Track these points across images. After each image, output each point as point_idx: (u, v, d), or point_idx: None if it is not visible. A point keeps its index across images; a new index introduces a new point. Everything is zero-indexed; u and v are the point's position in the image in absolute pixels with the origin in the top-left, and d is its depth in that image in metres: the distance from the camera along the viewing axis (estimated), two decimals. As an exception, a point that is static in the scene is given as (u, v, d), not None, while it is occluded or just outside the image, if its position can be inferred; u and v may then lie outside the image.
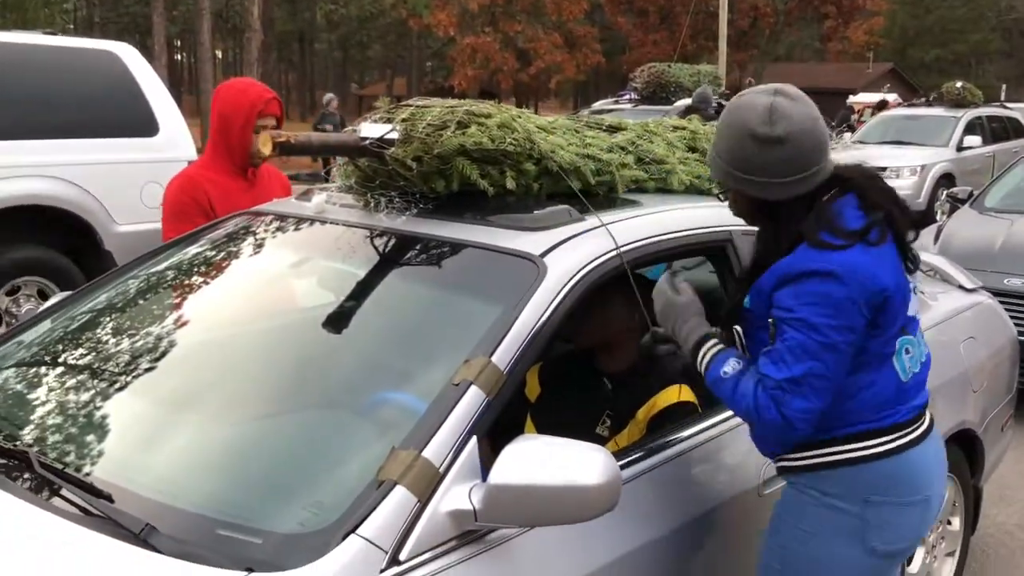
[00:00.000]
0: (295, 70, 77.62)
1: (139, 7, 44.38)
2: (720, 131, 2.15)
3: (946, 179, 14.69)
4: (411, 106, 2.63)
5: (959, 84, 16.46)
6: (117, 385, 2.39)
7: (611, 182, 2.83)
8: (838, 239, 2.06)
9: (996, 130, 16.23)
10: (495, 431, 2.04)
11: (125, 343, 2.58)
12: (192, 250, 2.93)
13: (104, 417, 2.29)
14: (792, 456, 2.24)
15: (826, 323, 2.03)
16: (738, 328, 2.29)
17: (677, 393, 2.69)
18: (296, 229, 2.84)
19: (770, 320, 2.11)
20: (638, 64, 19.44)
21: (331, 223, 2.72)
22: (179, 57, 70.55)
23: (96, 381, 2.41)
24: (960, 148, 15.22)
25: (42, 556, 1.78)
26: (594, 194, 2.76)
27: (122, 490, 1.92)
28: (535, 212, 2.48)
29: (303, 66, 75.80)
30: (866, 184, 2.18)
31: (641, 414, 2.68)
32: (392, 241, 2.57)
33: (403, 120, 2.54)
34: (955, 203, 7.57)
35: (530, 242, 2.36)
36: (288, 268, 2.77)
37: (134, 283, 2.85)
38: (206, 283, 2.81)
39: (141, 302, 2.79)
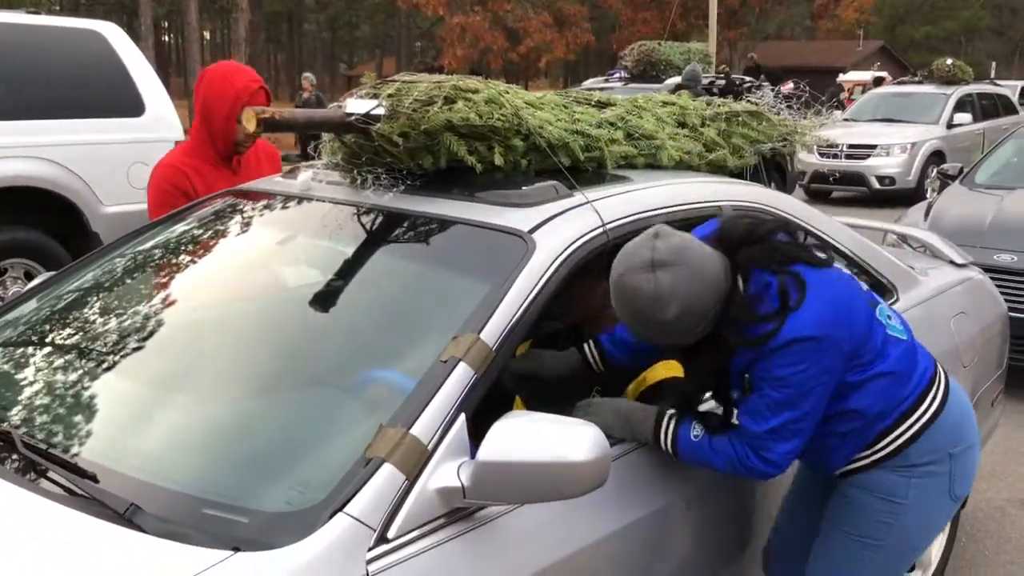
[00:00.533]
0: (283, 51, 77.25)
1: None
2: (622, 315, 2.14)
3: (936, 156, 14.72)
4: (397, 82, 2.60)
5: (949, 61, 16.45)
6: (102, 365, 2.37)
7: (600, 158, 2.81)
8: (771, 323, 2.10)
9: (986, 107, 16.26)
10: (483, 408, 2.03)
11: (110, 323, 2.55)
12: (177, 229, 2.90)
13: (89, 397, 2.27)
14: (869, 452, 2.33)
15: (804, 377, 2.12)
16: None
17: (666, 368, 2.68)
18: (282, 207, 2.81)
19: (745, 375, 2.20)
20: (628, 43, 19.34)
21: (317, 200, 2.69)
22: (166, 38, 70.10)
23: (81, 361, 2.39)
24: (950, 125, 15.25)
25: (26, 536, 1.76)
26: (583, 170, 2.74)
27: (107, 470, 1.91)
28: (523, 188, 2.46)
29: (291, 47, 75.44)
30: (751, 254, 2.17)
31: (631, 388, 2.66)
32: (379, 218, 2.54)
33: (389, 96, 2.51)
34: (945, 180, 7.57)
35: (518, 218, 2.34)
36: (274, 246, 2.73)
37: (119, 262, 2.83)
38: (191, 262, 2.78)
39: (126, 282, 2.76)
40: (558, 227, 2.33)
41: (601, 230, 2.38)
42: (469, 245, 2.39)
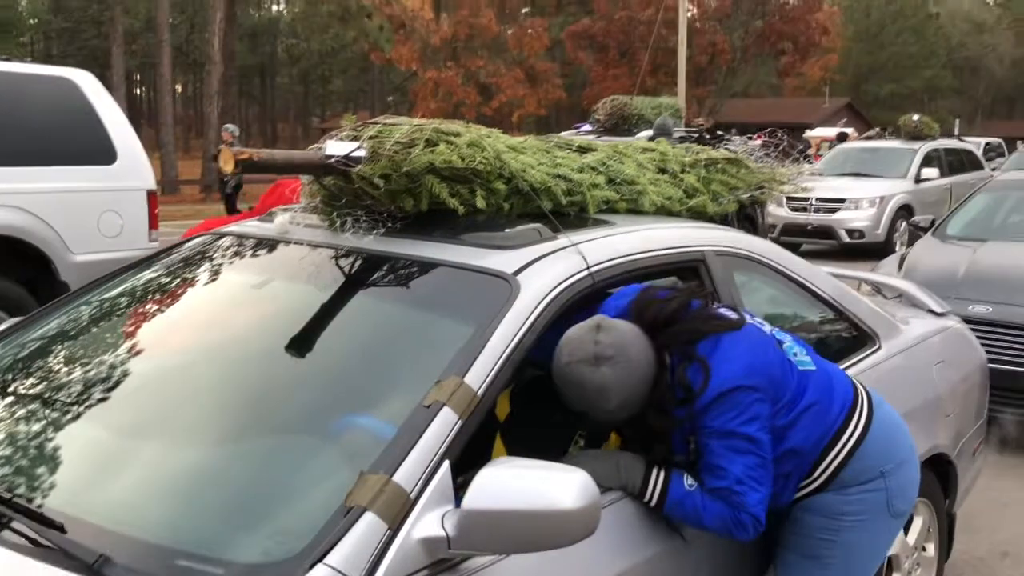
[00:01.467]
0: (256, 104, 77.48)
1: (98, 40, 44.14)
2: (564, 392, 2.22)
3: (905, 210, 14.87)
4: (378, 124, 2.57)
5: (916, 117, 16.72)
6: (71, 412, 2.29)
7: (582, 202, 2.79)
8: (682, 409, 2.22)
9: (953, 163, 16.48)
10: (463, 454, 1.97)
11: (80, 369, 2.47)
12: (147, 274, 2.83)
13: (57, 445, 2.19)
14: (809, 482, 2.42)
15: (737, 422, 2.19)
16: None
17: None
18: (258, 250, 2.76)
19: (689, 440, 2.26)
20: (599, 99, 19.52)
21: (295, 243, 2.64)
22: (138, 91, 70.15)
23: (48, 409, 2.31)
24: (918, 180, 15.44)
25: (-13, 590, 1.68)
26: (565, 214, 2.71)
27: (75, 520, 1.82)
28: (506, 231, 2.43)
29: (264, 100, 75.76)
30: (665, 339, 2.25)
31: (614, 436, 2.61)
32: (359, 261, 2.50)
33: (370, 138, 2.48)
34: (917, 231, 7.62)
35: (502, 260, 2.31)
36: (251, 289, 2.67)
37: (88, 308, 2.75)
38: (163, 306, 2.71)
39: (96, 327, 2.69)
40: (542, 269, 2.30)
41: (586, 273, 2.35)
42: (451, 287, 2.35)
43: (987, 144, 25.95)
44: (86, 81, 6.64)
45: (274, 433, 2.20)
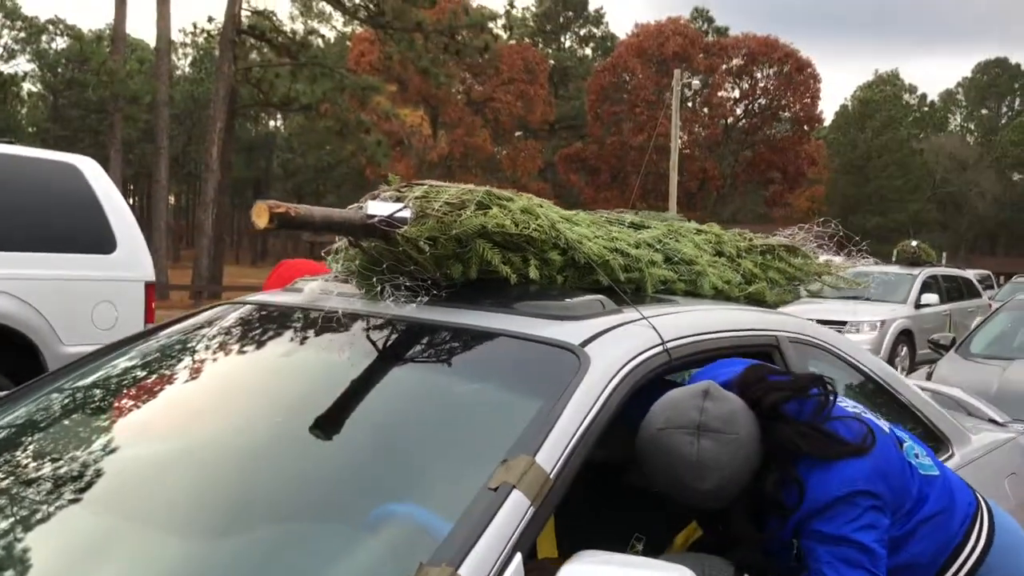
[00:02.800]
0: (248, 217, 78.07)
1: (95, 149, 44.55)
2: (650, 466, 1.93)
3: (905, 335, 14.74)
4: (424, 185, 2.35)
5: (914, 243, 16.76)
6: (77, 500, 1.98)
7: (640, 280, 2.55)
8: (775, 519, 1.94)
9: (951, 289, 16.46)
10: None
11: (81, 452, 2.18)
12: (168, 344, 2.56)
13: (57, 538, 1.88)
14: None
15: (851, 528, 1.90)
16: None
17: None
18: (287, 321, 2.49)
19: (794, 542, 1.96)
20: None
21: (329, 312, 2.36)
22: (132, 200, 70.66)
23: (50, 495, 2.00)
24: (918, 305, 15.34)
25: None
26: (621, 292, 2.47)
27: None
28: (566, 300, 2.17)
29: (256, 213, 76.22)
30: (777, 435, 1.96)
31: (679, 539, 2.31)
32: (401, 330, 2.23)
33: (416, 198, 2.25)
34: (937, 349, 7.45)
35: (567, 331, 2.04)
36: (279, 362, 2.39)
37: (90, 380, 2.47)
38: (182, 382, 2.42)
39: (110, 400, 2.39)
40: (612, 342, 2.04)
41: (661, 348, 2.09)
42: (509, 359, 2.09)
43: (977, 276, 26.15)
44: (89, 168, 6.45)
45: (305, 524, 1.89)
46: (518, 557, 1.57)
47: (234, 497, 1.99)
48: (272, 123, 73.99)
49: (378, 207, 2.25)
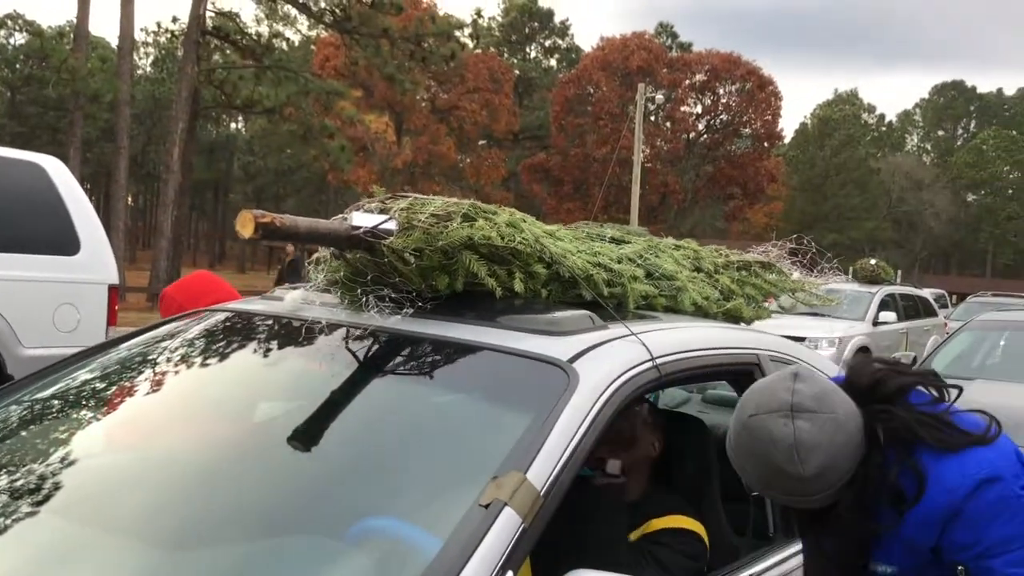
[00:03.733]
0: (207, 219, 77.40)
1: (53, 148, 43.91)
2: (744, 462, 1.83)
3: (863, 351, 14.90)
4: (409, 197, 2.33)
5: (873, 261, 16.98)
6: (50, 510, 1.95)
7: (622, 295, 2.55)
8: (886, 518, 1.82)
9: (908, 308, 16.69)
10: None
11: (61, 462, 2.14)
12: (140, 351, 2.52)
13: (26, 548, 1.84)
14: None
15: (1020, 523, 1.76)
16: None
17: (682, 520, 2.36)
18: (269, 329, 2.46)
19: (960, 568, 1.80)
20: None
21: (313, 322, 2.34)
22: (89, 200, 69.64)
23: (18, 504, 1.96)
24: (876, 323, 15.53)
25: None
26: (603, 306, 2.47)
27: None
28: (555, 315, 2.17)
29: (215, 215, 75.70)
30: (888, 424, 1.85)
31: (634, 536, 2.33)
32: (386, 341, 2.21)
33: (402, 209, 2.24)
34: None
35: (556, 347, 2.04)
36: (261, 372, 2.37)
37: (67, 386, 2.42)
38: (161, 391, 2.39)
39: (81, 411, 2.35)
40: (601, 358, 2.03)
41: (651, 364, 2.09)
42: (497, 374, 2.07)
43: (933, 294, 26.57)
44: (54, 167, 6.35)
45: (285, 538, 1.87)
46: (509, 575, 1.56)
47: (215, 509, 1.96)
48: (233, 125, 73.44)
49: (363, 218, 2.23)
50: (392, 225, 2.19)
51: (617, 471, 2.33)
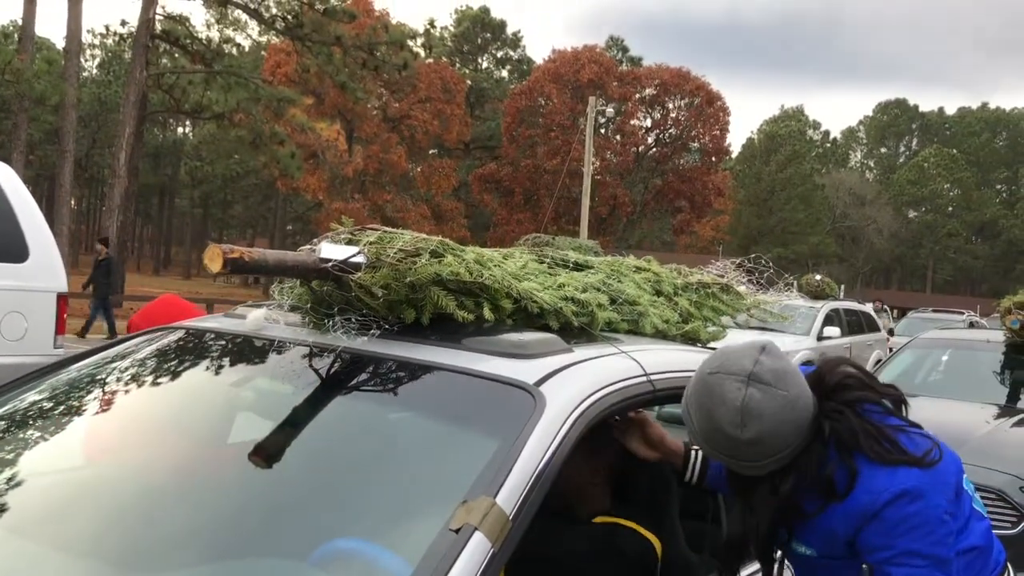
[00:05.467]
0: (152, 224, 76.32)
1: (-6, 148, 43.10)
2: (693, 413, 1.94)
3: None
4: (378, 231, 2.34)
5: (818, 277, 17.24)
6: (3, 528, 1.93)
7: (589, 323, 2.59)
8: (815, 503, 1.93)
9: (852, 323, 16.95)
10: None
11: (9, 478, 2.12)
12: (99, 369, 2.50)
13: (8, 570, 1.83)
14: None
15: (928, 542, 1.85)
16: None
17: (638, 528, 2.42)
18: (230, 347, 2.46)
19: (864, 566, 1.91)
20: (502, 242, 19.71)
21: (279, 342, 2.34)
22: (30, 202, 68.34)
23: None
24: (820, 338, 15.76)
25: None
26: (571, 331, 2.51)
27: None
28: (522, 336, 2.20)
29: (161, 220, 74.70)
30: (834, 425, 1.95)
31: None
32: (352, 362, 2.22)
33: (370, 243, 2.25)
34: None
35: (522, 369, 2.07)
36: (221, 391, 2.36)
37: (28, 403, 2.40)
38: (121, 411, 2.37)
39: (33, 430, 2.33)
40: (569, 380, 2.07)
41: (644, 379, 2.23)
42: (464, 396, 2.09)
43: (875, 309, 27.02)
44: (3, 174, 6.25)
45: (253, 558, 1.88)
46: (480, 602, 1.58)
47: (174, 530, 1.96)
48: (180, 129, 72.61)
49: (332, 251, 2.23)
50: (361, 259, 2.20)
51: None
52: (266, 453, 2.09)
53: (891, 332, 21.80)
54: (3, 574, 1.81)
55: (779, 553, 2.12)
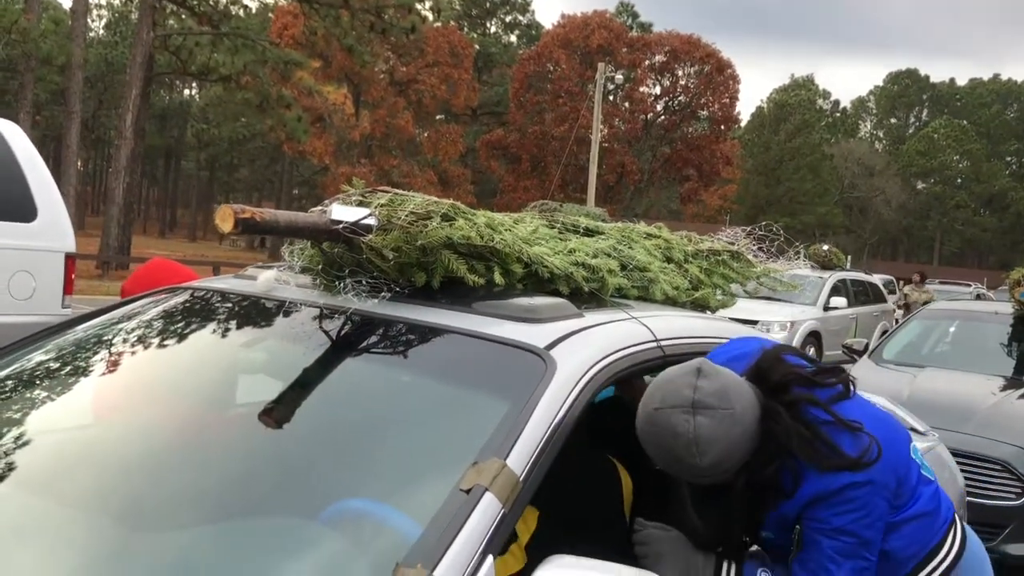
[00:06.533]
0: (158, 186, 76.26)
1: (2, 110, 42.98)
2: (649, 449, 1.96)
3: (813, 336, 15.14)
4: (388, 193, 2.33)
5: (826, 247, 17.20)
6: (15, 484, 1.94)
7: (599, 289, 2.59)
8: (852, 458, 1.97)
9: (858, 293, 16.97)
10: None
11: (21, 435, 2.13)
12: (109, 328, 2.50)
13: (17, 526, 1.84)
14: None
15: (861, 525, 1.97)
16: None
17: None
18: (240, 308, 2.46)
19: (796, 528, 2.02)
20: (508, 209, 19.62)
21: (289, 303, 2.34)
22: (36, 163, 68.28)
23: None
24: (827, 308, 15.77)
25: None
26: (581, 296, 2.51)
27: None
28: (532, 301, 2.20)
29: (167, 183, 74.63)
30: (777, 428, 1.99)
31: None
32: (363, 324, 2.22)
33: (382, 206, 2.24)
34: (851, 354, 7.67)
35: (533, 333, 2.07)
36: (232, 353, 2.36)
37: (35, 365, 2.40)
38: (133, 369, 2.37)
39: (43, 388, 2.33)
40: (579, 345, 2.07)
41: (654, 344, 2.25)
42: (475, 359, 2.09)
43: (881, 280, 27.03)
44: (11, 131, 6.23)
45: (262, 518, 1.88)
46: (489, 559, 1.59)
47: (184, 488, 1.96)
48: (187, 91, 72.38)
49: (343, 212, 2.22)
50: (372, 221, 2.19)
51: None
52: (276, 414, 2.10)
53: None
54: (13, 529, 1.83)
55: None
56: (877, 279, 19.83)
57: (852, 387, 2.12)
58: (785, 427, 1.95)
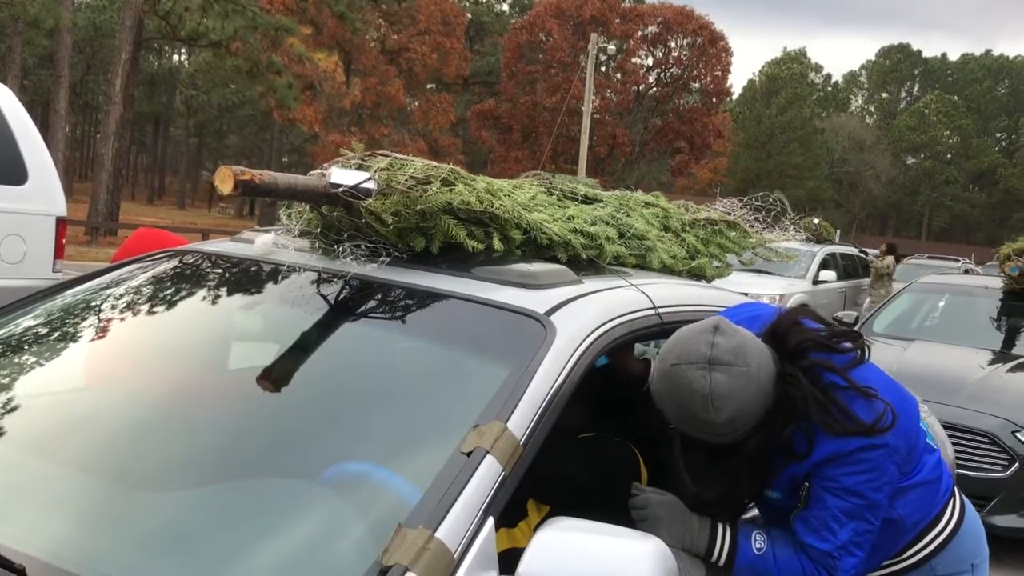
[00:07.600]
0: (147, 152, 75.75)
1: (-12, 71, 42.57)
2: (664, 405, 1.97)
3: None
4: (388, 156, 2.33)
5: (816, 220, 17.20)
6: (38, 447, 1.95)
7: (598, 256, 2.59)
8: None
9: (847, 267, 16.99)
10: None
11: (19, 397, 2.13)
12: (107, 291, 2.49)
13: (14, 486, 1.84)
14: (894, 561, 2.22)
15: (870, 487, 1.98)
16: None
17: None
18: (238, 272, 2.46)
19: (805, 484, 2.03)
20: (500, 178, 19.58)
21: (289, 267, 2.34)
22: (24, 127, 67.70)
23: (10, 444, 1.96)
24: (816, 281, 15.81)
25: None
26: (579, 263, 2.52)
27: (38, 563, 1.49)
28: (532, 267, 2.20)
29: (155, 149, 74.15)
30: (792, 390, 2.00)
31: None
32: (362, 288, 2.22)
33: (381, 170, 2.23)
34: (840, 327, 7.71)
35: (532, 299, 2.08)
36: (231, 316, 2.37)
37: (31, 327, 2.39)
38: (131, 333, 2.37)
39: (43, 350, 2.33)
40: (578, 311, 2.09)
41: (652, 311, 2.25)
42: (475, 324, 2.10)
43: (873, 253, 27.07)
44: (2, 95, 6.18)
45: (266, 480, 1.89)
46: (490, 521, 1.60)
47: (185, 450, 1.97)
48: (176, 57, 71.74)
49: (343, 176, 2.22)
50: (371, 185, 2.19)
51: None
52: (275, 377, 2.10)
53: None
54: (9, 488, 1.83)
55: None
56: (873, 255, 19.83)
57: (867, 352, 2.12)
58: (802, 391, 1.95)
